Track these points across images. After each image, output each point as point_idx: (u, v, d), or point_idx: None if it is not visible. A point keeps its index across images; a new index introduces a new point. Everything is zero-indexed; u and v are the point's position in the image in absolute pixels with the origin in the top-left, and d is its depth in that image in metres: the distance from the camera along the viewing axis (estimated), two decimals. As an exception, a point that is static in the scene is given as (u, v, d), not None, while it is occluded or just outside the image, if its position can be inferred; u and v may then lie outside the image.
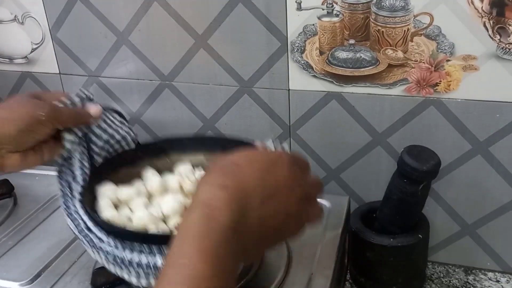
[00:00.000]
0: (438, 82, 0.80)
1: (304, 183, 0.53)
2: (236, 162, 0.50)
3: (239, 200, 0.46)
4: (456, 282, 0.89)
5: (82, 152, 0.70)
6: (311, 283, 0.70)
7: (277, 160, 0.52)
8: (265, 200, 0.48)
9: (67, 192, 0.68)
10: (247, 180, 0.48)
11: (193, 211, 0.45)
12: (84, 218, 0.64)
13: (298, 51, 0.85)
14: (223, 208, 0.45)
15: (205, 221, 0.44)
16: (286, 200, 0.50)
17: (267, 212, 0.49)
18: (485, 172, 0.83)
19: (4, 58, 1.07)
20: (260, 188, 0.48)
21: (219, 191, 0.46)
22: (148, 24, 0.92)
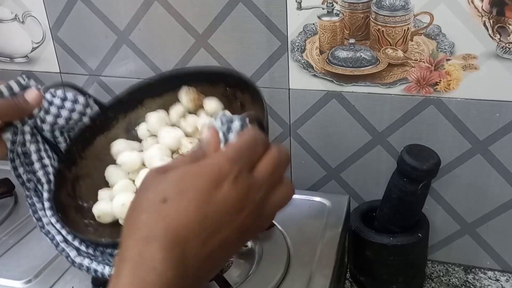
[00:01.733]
0: (438, 81, 0.80)
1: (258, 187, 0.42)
2: (163, 198, 0.39)
3: (174, 251, 0.38)
4: (456, 281, 0.89)
5: (38, 149, 0.64)
6: (311, 282, 0.70)
7: (216, 180, 0.40)
8: (208, 238, 0.39)
9: (36, 202, 0.63)
10: (180, 220, 0.38)
11: (120, 273, 0.37)
12: (58, 228, 0.60)
13: (298, 50, 0.85)
14: (156, 268, 0.37)
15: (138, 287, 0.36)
16: (236, 225, 0.41)
17: (212, 249, 0.40)
18: (485, 171, 0.83)
19: (5, 57, 1.07)
20: (199, 226, 0.39)
21: (147, 245, 0.37)
22: (148, 23, 0.92)
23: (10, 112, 0.60)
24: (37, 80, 1.06)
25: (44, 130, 0.64)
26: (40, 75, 1.06)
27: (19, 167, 0.63)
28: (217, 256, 0.40)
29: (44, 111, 0.63)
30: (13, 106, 0.60)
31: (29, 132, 0.62)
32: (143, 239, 0.38)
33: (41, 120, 0.63)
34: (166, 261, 0.37)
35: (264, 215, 0.43)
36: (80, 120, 0.67)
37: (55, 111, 0.64)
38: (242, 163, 0.42)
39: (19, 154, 0.63)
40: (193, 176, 0.40)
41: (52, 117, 0.64)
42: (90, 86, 1.02)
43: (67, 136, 0.67)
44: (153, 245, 0.37)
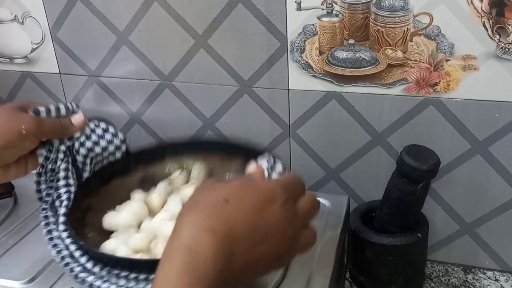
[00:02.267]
0: (438, 82, 0.80)
1: (297, 219, 0.48)
2: (225, 198, 0.44)
3: (226, 247, 0.41)
4: (455, 281, 0.89)
5: (67, 168, 0.67)
6: (310, 282, 0.70)
7: (270, 198, 0.46)
8: (254, 245, 0.43)
9: (50, 213, 0.66)
10: (236, 222, 0.43)
11: (173, 259, 0.40)
12: (67, 243, 0.62)
13: (298, 51, 0.85)
14: (209, 257, 0.40)
15: (189, 274, 0.39)
16: (276, 243, 0.45)
17: (254, 257, 0.44)
18: (485, 171, 0.83)
19: (4, 58, 1.07)
20: (250, 232, 0.43)
21: (205, 235, 0.41)
22: (148, 24, 0.92)
23: (55, 132, 0.64)
24: (36, 81, 1.06)
25: (79, 155, 0.68)
26: (40, 75, 1.06)
27: (43, 184, 0.67)
28: (255, 266, 0.44)
29: (85, 136, 0.68)
30: (58, 125, 0.64)
31: (63, 152, 0.66)
32: (203, 229, 0.41)
33: (80, 144, 0.68)
34: (219, 253, 0.41)
35: (295, 248, 0.48)
36: (113, 154, 0.72)
37: (95, 138, 0.69)
38: (289, 193, 0.48)
39: (47, 171, 0.67)
40: (251, 188, 0.46)
41: (91, 143, 0.68)
42: (90, 86, 1.02)
43: (93, 165, 0.71)
44: (210, 236, 0.41)
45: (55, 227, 0.64)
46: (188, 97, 0.96)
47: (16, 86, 1.09)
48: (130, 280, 0.56)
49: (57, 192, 0.66)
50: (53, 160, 0.66)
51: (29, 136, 0.60)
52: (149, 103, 0.99)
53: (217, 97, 0.94)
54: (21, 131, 0.59)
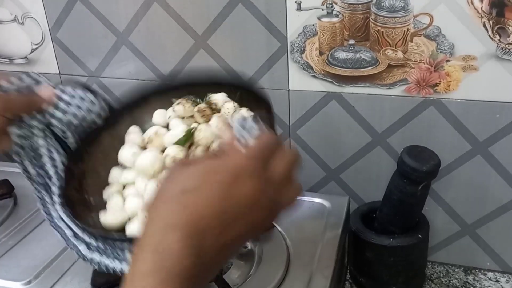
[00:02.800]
0: (438, 82, 0.80)
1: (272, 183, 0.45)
2: (187, 189, 0.41)
3: (193, 241, 0.39)
4: (456, 282, 0.89)
5: (49, 145, 0.65)
6: (310, 283, 0.70)
7: (237, 174, 0.42)
8: (224, 230, 0.41)
9: (45, 196, 0.64)
10: (202, 213, 0.40)
11: (141, 260, 0.39)
12: (68, 223, 0.61)
13: (298, 51, 0.85)
14: (176, 255, 0.38)
15: (156, 274, 0.38)
16: (251, 217, 0.43)
17: (227, 241, 0.41)
18: (485, 172, 0.83)
19: (4, 58, 1.07)
20: (218, 219, 0.41)
21: (170, 233, 0.39)
22: (148, 24, 0.92)
23: (23, 107, 0.61)
24: (36, 81, 1.06)
25: (53, 126, 0.65)
26: (40, 76, 1.06)
27: (25, 161, 0.64)
28: (230, 247, 0.42)
29: (54, 107, 0.64)
30: (25, 101, 0.62)
31: (37, 127, 0.63)
32: (164, 227, 0.39)
33: (51, 115, 0.64)
34: (185, 249, 0.39)
35: (275, 212, 0.46)
36: (87, 116, 0.67)
37: (64, 106, 0.65)
38: (258, 161, 0.44)
39: (24, 147, 0.63)
40: (213, 170, 0.43)
41: (61, 113, 0.64)
42: (90, 87, 1.02)
43: (74, 132, 0.67)
44: (173, 234, 0.39)
45: (52, 207, 0.63)
46: (188, 98, 0.96)
47: (16, 86, 1.08)
48: None
49: (43, 170, 0.64)
50: (27, 135, 0.63)
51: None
52: (149, 104, 0.99)
53: (217, 97, 0.93)
54: None
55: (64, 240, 0.61)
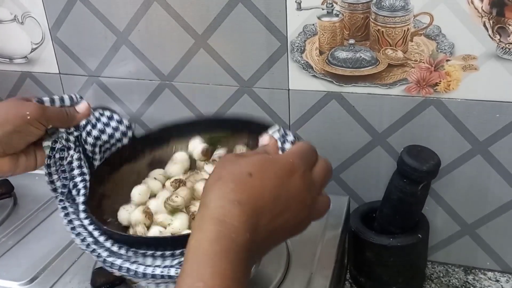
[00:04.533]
0: (438, 82, 0.80)
1: (314, 186, 0.50)
2: (249, 172, 0.46)
3: (253, 218, 0.44)
4: (456, 282, 0.89)
5: (79, 158, 0.68)
6: (311, 283, 0.70)
7: (290, 169, 0.48)
8: (277, 215, 0.46)
9: (67, 203, 0.66)
10: (261, 194, 0.45)
11: (206, 229, 0.43)
12: (90, 229, 0.62)
13: (298, 51, 0.85)
14: (238, 227, 0.43)
15: (220, 241, 0.42)
16: (297, 212, 0.48)
17: (277, 226, 0.46)
18: (485, 172, 0.83)
19: (4, 58, 1.07)
20: (272, 203, 0.46)
21: (233, 207, 0.44)
22: (148, 24, 0.92)
23: (60, 118, 0.66)
24: (36, 81, 1.06)
25: (87, 144, 0.69)
26: (39, 76, 1.06)
27: (54, 174, 0.68)
28: (277, 234, 0.47)
29: (91, 125, 0.69)
30: (63, 113, 0.66)
31: (73, 142, 0.68)
32: (231, 201, 0.44)
33: (87, 133, 0.69)
34: (246, 224, 0.43)
35: (311, 215, 0.51)
36: (120, 141, 0.72)
37: (101, 127, 0.70)
38: (306, 163, 0.50)
39: (56, 160, 0.67)
40: (272, 162, 0.49)
41: (97, 132, 0.69)
42: (89, 87, 1.02)
43: (103, 155, 0.72)
44: (238, 208, 0.44)
45: (75, 216, 0.65)
46: (188, 97, 0.96)
47: (16, 86, 1.08)
48: (157, 258, 0.57)
49: (73, 182, 0.67)
50: (60, 150, 0.67)
51: (33, 121, 0.62)
52: (149, 103, 0.99)
53: (217, 97, 0.93)
54: (26, 116, 0.61)
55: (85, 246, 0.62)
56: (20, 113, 0.61)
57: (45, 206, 0.91)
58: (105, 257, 0.60)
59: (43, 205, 0.91)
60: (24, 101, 0.64)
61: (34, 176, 0.99)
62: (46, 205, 0.91)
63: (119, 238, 0.60)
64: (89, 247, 0.61)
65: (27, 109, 0.62)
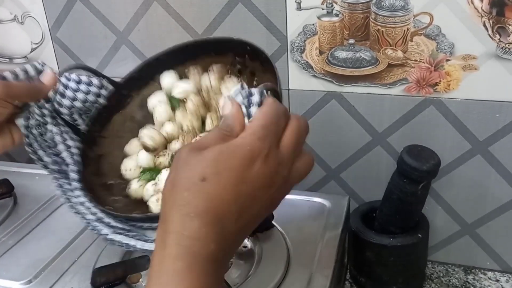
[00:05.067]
0: (438, 81, 0.80)
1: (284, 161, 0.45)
2: (203, 175, 0.42)
3: (215, 226, 0.41)
4: (456, 282, 0.89)
5: (60, 131, 0.65)
6: (311, 283, 0.70)
7: (250, 158, 0.43)
8: (243, 212, 0.42)
9: (64, 183, 0.64)
10: (219, 197, 0.41)
11: (166, 244, 0.40)
12: (91, 208, 0.61)
13: (298, 50, 0.85)
14: (200, 240, 0.40)
15: (183, 257, 0.40)
16: (266, 199, 0.44)
17: (246, 221, 0.43)
18: (485, 171, 0.83)
19: (4, 58, 1.07)
20: (235, 203, 0.42)
21: (191, 220, 0.40)
22: (148, 24, 0.92)
23: (26, 93, 0.62)
24: (36, 81, 1.06)
25: (63, 114, 0.65)
26: (40, 75, 1.05)
27: (38, 150, 0.65)
28: (247, 228, 0.44)
29: (60, 95, 0.64)
30: (28, 87, 0.62)
31: (49, 115, 0.64)
32: (187, 215, 0.40)
33: (59, 103, 0.65)
34: (208, 235, 0.40)
35: (289, 186, 0.46)
36: (96, 101, 0.68)
37: (71, 94, 0.65)
38: (270, 141, 0.44)
39: (35, 136, 0.64)
40: (228, 156, 0.43)
41: (68, 100, 0.65)
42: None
43: (85, 118, 0.68)
44: (197, 221, 0.40)
45: (71, 193, 0.63)
46: (188, 97, 0.95)
47: (16, 86, 1.08)
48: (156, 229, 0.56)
49: (60, 157, 0.65)
50: (36, 126, 0.64)
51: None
52: (149, 103, 0.99)
53: (217, 97, 0.93)
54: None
55: (87, 225, 0.60)
56: None
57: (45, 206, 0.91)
58: (109, 235, 0.59)
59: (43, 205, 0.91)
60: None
61: (34, 176, 1.00)
62: (46, 205, 0.91)
63: (116, 216, 0.59)
64: (90, 225, 0.60)
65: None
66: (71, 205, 0.63)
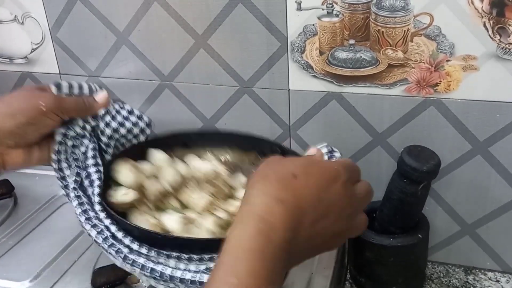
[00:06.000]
0: (438, 82, 0.80)
1: (355, 200, 0.51)
2: (294, 173, 0.47)
3: (295, 217, 0.44)
4: (456, 282, 0.89)
5: (94, 148, 0.65)
6: (311, 283, 0.70)
7: (334, 175, 0.48)
8: (318, 219, 0.46)
9: (81, 194, 0.62)
10: (304, 195, 0.46)
11: (246, 224, 0.43)
12: (106, 223, 0.58)
13: (298, 51, 0.85)
14: (279, 226, 0.43)
15: (260, 238, 0.42)
16: (337, 220, 0.48)
17: (316, 231, 0.46)
18: (485, 172, 0.83)
19: (4, 58, 1.07)
20: (315, 206, 0.46)
21: (276, 205, 0.44)
22: (148, 24, 0.92)
23: (76, 108, 0.63)
24: (36, 81, 1.06)
25: (104, 135, 0.66)
26: (40, 76, 1.06)
27: (63, 162, 0.65)
28: (317, 240, 0.47)
29: (110, 117, 0.67)
30: (79, 102, 0.63)
31: (89, 131, 0.65)
32: (274, 199, 0.44)
33: (106, 124, 0.66)
34: (287, 222, 0.43)
35: (350, 228, 0.51)
36: (137, 137, 0.71)
37: (121, 119, 0.68)
38: (350, 175, 0.50)
39: (68, 148, 0.64)
40: (317, 166, 0.49)
41: (116, 124, 0.67)
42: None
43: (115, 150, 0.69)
44: (281, 206, 0.44)
45: (89, 207, 0.61)
46: (188, 98, 0.96)
47: (16, 86, 1.08)
48: (182, 260, 0.54)
49: (86, 171, 0.64)
50: (74, 137, 0.64)
51: (49, 113, 0.60)
52: (149, 104, 0.99)
53: (217, 97, 0.93)
54: (40, 107, 0.59)
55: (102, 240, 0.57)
56: (35, 104, 0.59)
57: (45, 206, 0.91)
58: (126, 253, 0.55)
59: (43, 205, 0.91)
60: (40, 90, 0.61)
61: (34, 176, 1.00)
62: (46, 205, 0.92)
63: (139, 235, 0.56)
64: (107, 240, 0.57)
65: (42, 100, 0.59)
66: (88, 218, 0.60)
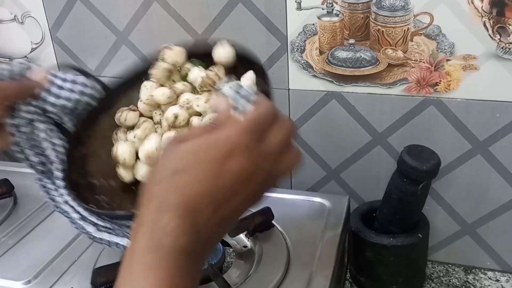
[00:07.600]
0: (438, 81, 0.80)
1: (268, 155, 0.44)
2: (177, 168, 0.41)
3: (187, 220, 0.40)
4: (456, 282, 0.89)
5: (48, 130, 0.64)
6: (311, 283, 0.70)
7: (228, 150, 0.42)
8: (219, 207, 0.41)
9: (48, 183, 0.64)
10: (193, 192, 0.40)
11: (138, 237, 0.40)
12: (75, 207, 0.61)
13: (298, 50, 0.85)
14: (172, 233, 0.39)
15: (153, 251, 0.39)
16: (247, 192, 0.43)
17: (223, 216, 0.42)
18: (485, 171, 0.83)
19: (4, 58, 1.07)
20: (210, 195, 0.41)
21: (163, 213, 0.40)
22: (147, 23, 0.92)
23: (15, 93, 0.60)
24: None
25: (49, 112, 0.64)
26: (40, 75, 1.05)
27: (25, 150, 0.64)
28: (227, 222, 0.43)
29: (46, 92, 0.63)
30: (17, 86, 0.61)
31: (36, 113, 0.63)
32: (158, 208, 0.40)
33: (44, 101, 0.63)
34: (179, 228, 0.39)
35: (272, 180, 0.45)
36: (81, 99, 0.66)
37: (56, 91, 0.63)
38: (252, 135, 0.44)
39: (24, 134, 0.63)
40: (206, 147, 0.42)
41: (54, 98, 0.63)
42: (90, 86, 1.02)
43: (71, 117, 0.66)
44: (166, 215, 0.40)
45: (56, 192, 0.62)
46: (188, 97, 0.95)
47: (16, 86, 1.08)
48: None
49: (45, 156, 0.64)
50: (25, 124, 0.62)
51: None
52: (149, 103, 0.99)
53: (217, 97, 0.93)
54: None
55: (72, 223, 0.60)
56: None
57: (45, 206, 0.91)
58: (93, 233, 0.58)
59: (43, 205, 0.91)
60: None
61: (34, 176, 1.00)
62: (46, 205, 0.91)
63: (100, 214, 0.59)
64: (76, 223, 0.60)
65: None
66: (55, 205, 0.62)
